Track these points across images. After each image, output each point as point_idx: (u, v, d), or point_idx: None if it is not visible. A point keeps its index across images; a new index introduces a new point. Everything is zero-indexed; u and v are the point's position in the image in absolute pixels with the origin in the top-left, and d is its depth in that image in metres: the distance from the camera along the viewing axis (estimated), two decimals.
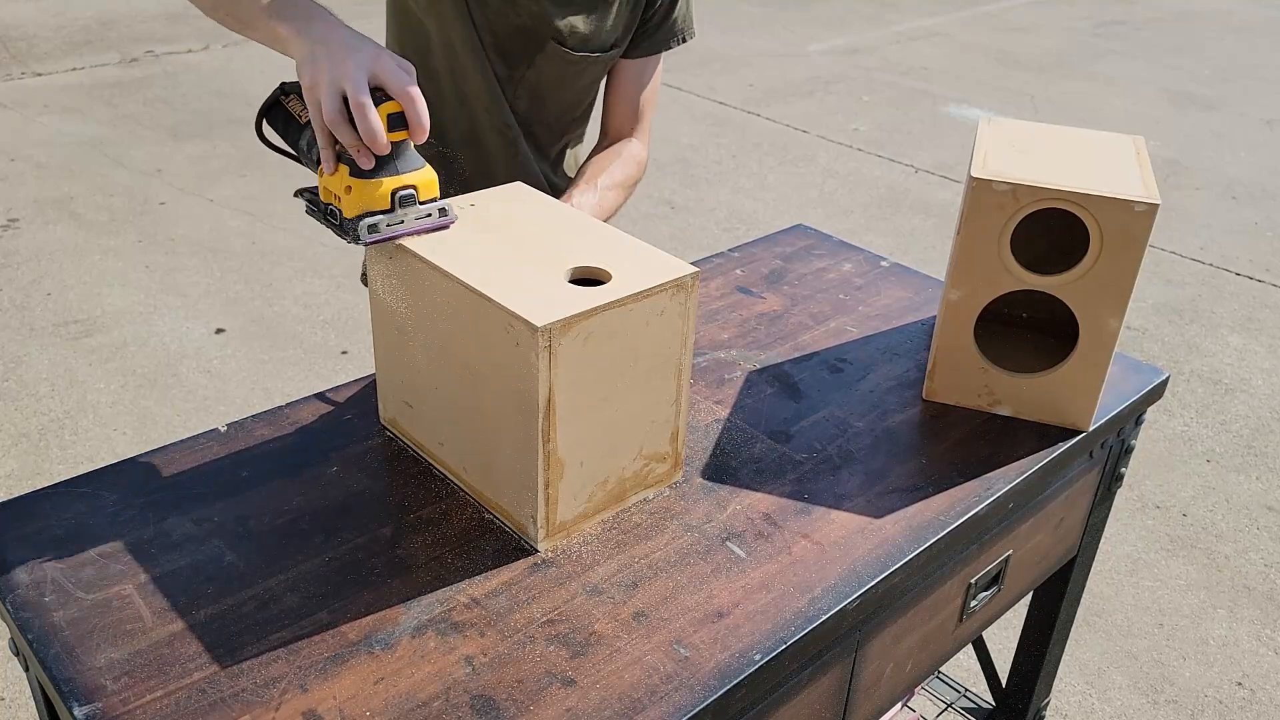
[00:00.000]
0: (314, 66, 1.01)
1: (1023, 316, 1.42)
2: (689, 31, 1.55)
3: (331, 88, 0.99)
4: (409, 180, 1.05)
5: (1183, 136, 5.45)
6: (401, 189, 1.04)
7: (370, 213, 1.04)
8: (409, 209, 1.05)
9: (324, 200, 1.08)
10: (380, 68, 1.01)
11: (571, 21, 1.41)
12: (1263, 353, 3.55)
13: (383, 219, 1.04)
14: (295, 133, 1.12)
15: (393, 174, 1.04)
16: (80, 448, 2.79)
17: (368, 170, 1.02)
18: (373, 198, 1.03)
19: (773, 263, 1.66)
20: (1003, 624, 2.27)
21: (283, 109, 1.14)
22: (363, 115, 0.98)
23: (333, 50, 1.01)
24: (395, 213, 1.05)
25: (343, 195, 1.04)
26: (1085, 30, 7.46)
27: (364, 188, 1.03)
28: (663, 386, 1.09)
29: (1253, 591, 2.52)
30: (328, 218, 1.07)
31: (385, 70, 1.01)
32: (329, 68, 1.00)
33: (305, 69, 1.02)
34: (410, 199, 1.05)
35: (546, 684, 0.91)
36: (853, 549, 1.08)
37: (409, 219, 1.06)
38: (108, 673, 0.89)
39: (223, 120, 4.99)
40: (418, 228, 1.07)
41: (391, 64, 1.02)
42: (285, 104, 1.14)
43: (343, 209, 1.04)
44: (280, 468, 1.15)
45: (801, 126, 5.32)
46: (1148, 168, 1.24)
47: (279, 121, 1.15)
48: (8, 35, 6.06)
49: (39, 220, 3.99)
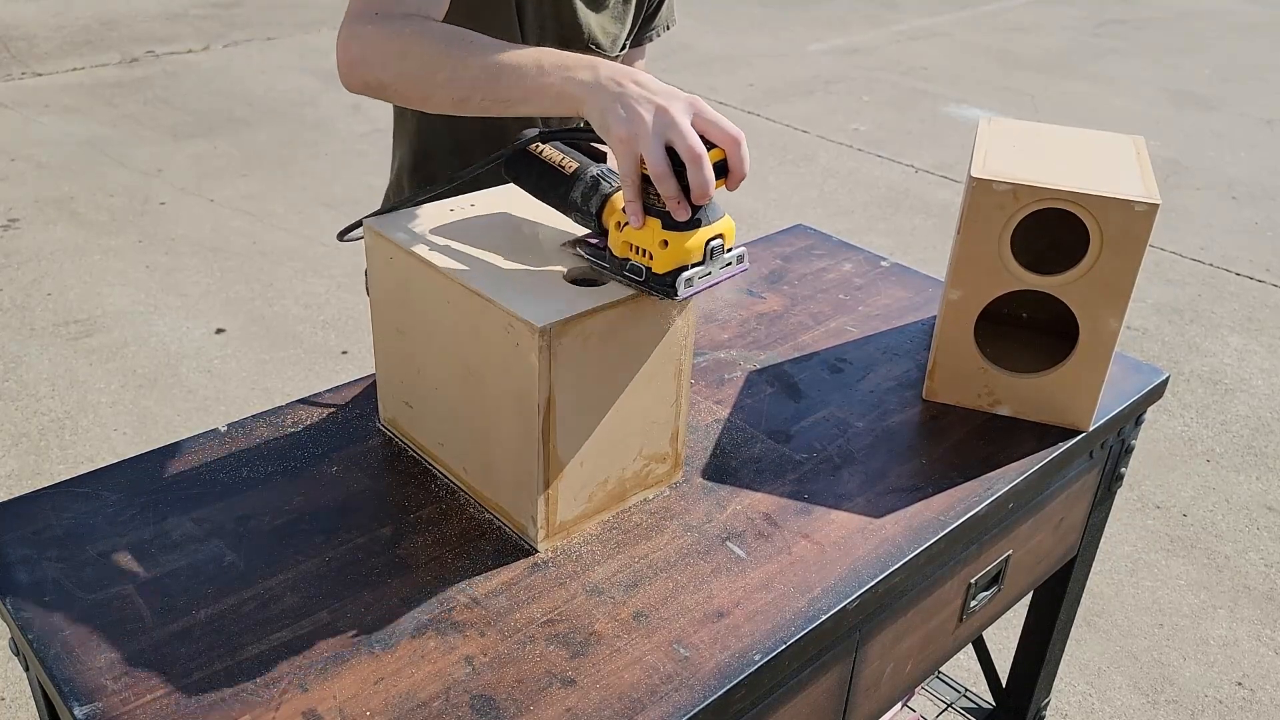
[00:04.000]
0: (630, 116, 0.93)
1: (1023, 316, 1.42)
2: (671, 19, 1.57)
3: (657, 138, 0.92)
4: (719, 229, 0.99)
5: (1183, 136, 5.45)
6: (713, 238, 0.98)
7: (685, 266, 0.97)
8: (718, 258, 1.00)
9: (621, 255, 1.00)
10: (701, 111, 0.94)
11: (602, 22, 1.42)
12: (1263, 353, 3.55)
13: (697, 271, 0.98)
14: (558, 184, 1.06)
15: (706, 224, 0.98)
16: (80, 448, 2.79)
17: (682, 223, 0.96)
18: (688, 250, 0.97)
19: (773, 263, 1.66)
20: (1003, 624, 2.27)
21: (536, 160, 1.08)
22: (699, 167, 0.91)
23: (646, 97, 0.94)
24: (706, 264, 0.99)
25: (655, 251, 0.97)
26: (1085, 30, 7.46)
27: (679, 241, 0.96)
28: (663, 386, 1.09)
29: (1253, 591, 2.52)
30: (626, 274, 1.00)
31: (707, 115, 0.94)
32: (651, 117, 0.92)
33: (618, 121, 0.93)
34: (720, 248, 0.99)
35: (546, 684, 0.91)
36: (853, 549, 1.08)
37: (716, 268, 1.00)
38: (108, 673, 0.89)
39: (223, 120, 4.99)
40: (723, 277, 1.02)
41: (709, 107, 0.95)
42: (539, 154, 1.08)
43: (652, 265, 0.98)
44: (280, 468, 1.15)
45: (801, 126, 5.32)
46: (1148, 168, 1.24)
47: (529, 174, 1.09)
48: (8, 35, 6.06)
49: (39, 220, 3.99)
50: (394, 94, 1.10)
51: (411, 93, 1.08)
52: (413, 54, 1.06)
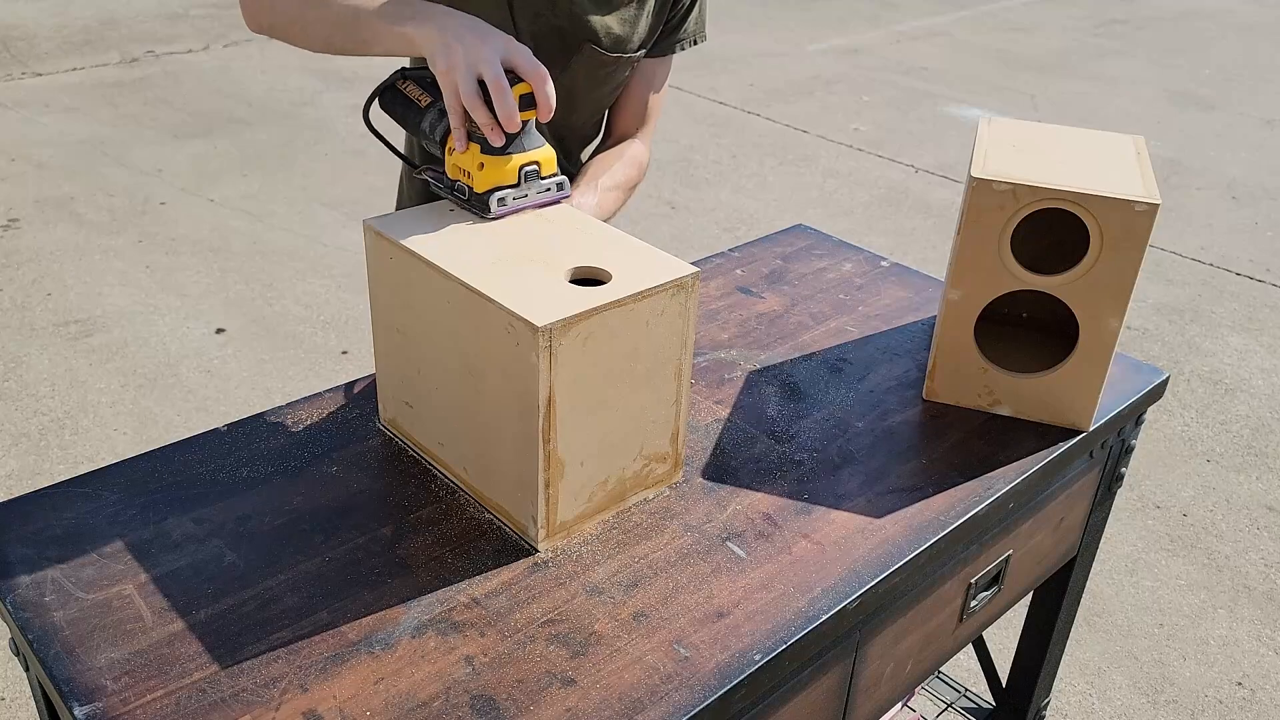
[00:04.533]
0: (449, 53, 1.07)
1: (1023, 316, 1.42)
2: (700, 35, 1.55)
3: (469, 71, 1.06)
4: (534, 156, 1.12)
5: (1183, 136, 5.45)
6: (528, 164, 1.12)
7: (500, 187, 1.11)
8: (533, 183, 1.13)
9: (452, 177, 1.15)
10: (512, 51, 1.07)
11: (606, 22, 1.41)
12: (1263, 353, 3.55)
13: (510, 192, 1.12)
14: (415, 116, 1.19)
15: (520, 151, 1.11)
16: (80, 448, 2.79)
17: (498, 148, 1.10)
18: (502, 173, 1.11)
19: (773, 263, 1.66)
20: (1003, 624, 2.27)
21: (399, 94, 1.21)
22: (501, 95, 1.05)
23: (467, 37, 1.07)
24: (521, 186, 1.12)
25: (474, 172, 1.11)
26: (1085, 30, 7.46)
27: (495, 164, 1.10)
28: (663, 386, 1.09)
29: (1253, 591, 2.52)
30: (455, 194, 1.15)
31: (518, 54, 1.08)
32: (465, 52, 1.06)
33: (440, 56, 1.07)
34: (535, 173, 1.13)
35: (546, 684, 0.91)
36: (853, 549, 1.08)
37: (532, 192, 1.14)
38: (108, 673, 0.89)
39: (223, 120, 4.99)
40: (540, 200, 1.15)
41: (522, 48, 1.08)
42: (402, 89, 1.21)
43: (473, 185, 1.12)
44: (280, 468, 1.15)
45: (801, 126, 5.32)
46: (1148, 168, 1.24)
47: (395, 106, 1.21)
48: (8, 35, 6.06)
49: (39, 220, 3.99)
50: (280, 34, 1.25)
51: (290, 33, 1.24)
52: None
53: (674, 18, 1.49)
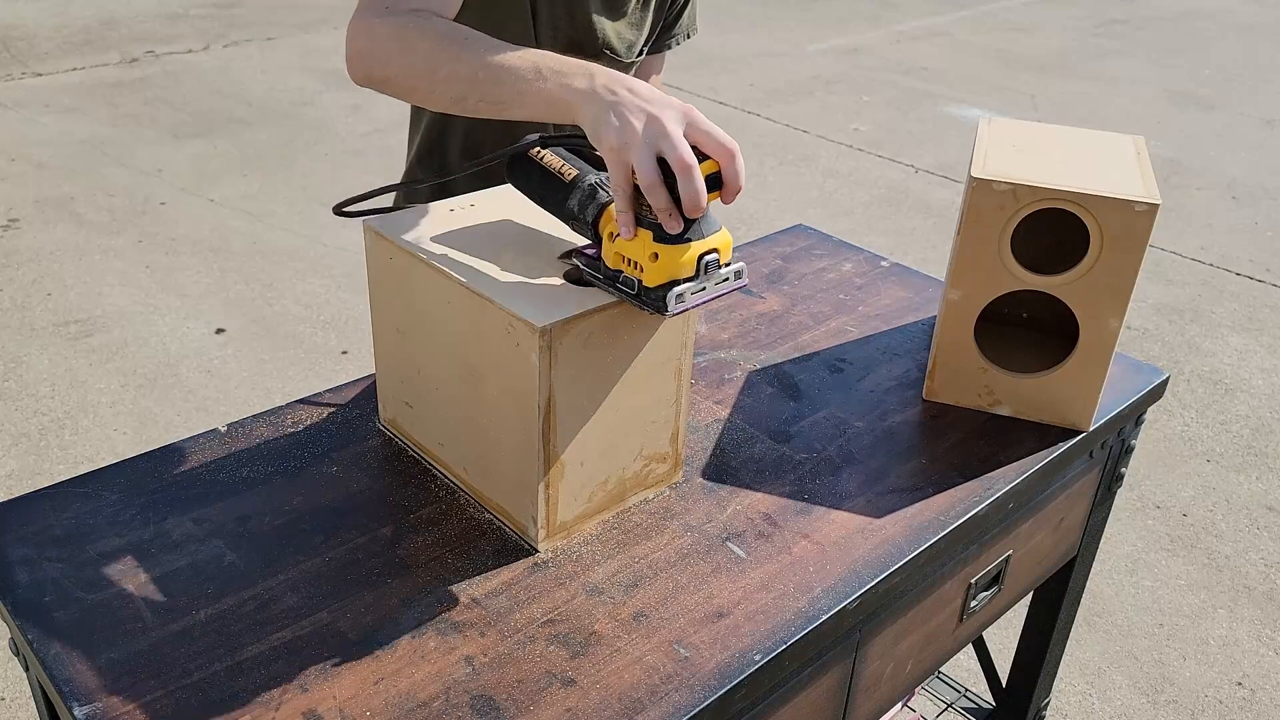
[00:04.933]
0: (622, 125, 0.91)
1: (1023, 316, 1.42)
2: (693, 28, 1.57)
3: (648, 147, 0.90)
4: (714, 244, 0.96)
5: (1183, 136, 5.45)
6: (707, 253, 0.96)
7: (677, 280, 0.95)
8: (712, 274, 0.97)
9: (613, 267, 0.98)
10: (695, 122, 0.92)
11: (618, 28, 1.41)
12: (1263, 353, 3.55)
13: (689, 286, 0.95)
14: (557, 192, 1.05)
15: (699, 237, 0.95)
16: (80, 448, 2.79)
17: (674, 235, 0.94)
18: (679, 265, 0.94)
19: (773, 263, 1.66)
20: (1003, 624, 2.27)
21: (536, 165, 1.06)
22: (689, 179, 0.90)
23: (639, 106, 0.92)
24: (700, 279, 0.96)
25: (645, 263, 0.95)
26: (1085, 30, 7.46)
27: (671, 254, 0.94)
28: (663, 387, 1.09)
29: (1253, 591, 2.52)
30: (619, 286, 0.98)
31: (701, 125, 0.92)
32: (643, 126, 0.91)
33: (609, 129, 0.92)
34: (714, 263, 0.96)
35: (546, 684, 0.91)
36: (853, 549, 1.08)
37: (710, 284, 0.98)
38: (108, 673, 0.89)
39: (223, 120, 4.99)
40: (718, 293, 0.99)
41: (704, 118, 0.93)
42: (539, 159, 1.06)
43: (643, 278, 0.95)
44: (280, 468, 1.15)
45: (801, 126, 5.32)
46: (1148, 168, 1.24)
47: (530, 179, 1.08)
48: (8, 35, 6.06)
49: (39, 220, 3.99)
50: (396, 89, 1.10)
51: (412, 88, 1.09)
52: (416, 49, 1.06)
53: (670, 15, 1.50)
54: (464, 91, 1.04)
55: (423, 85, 1.07)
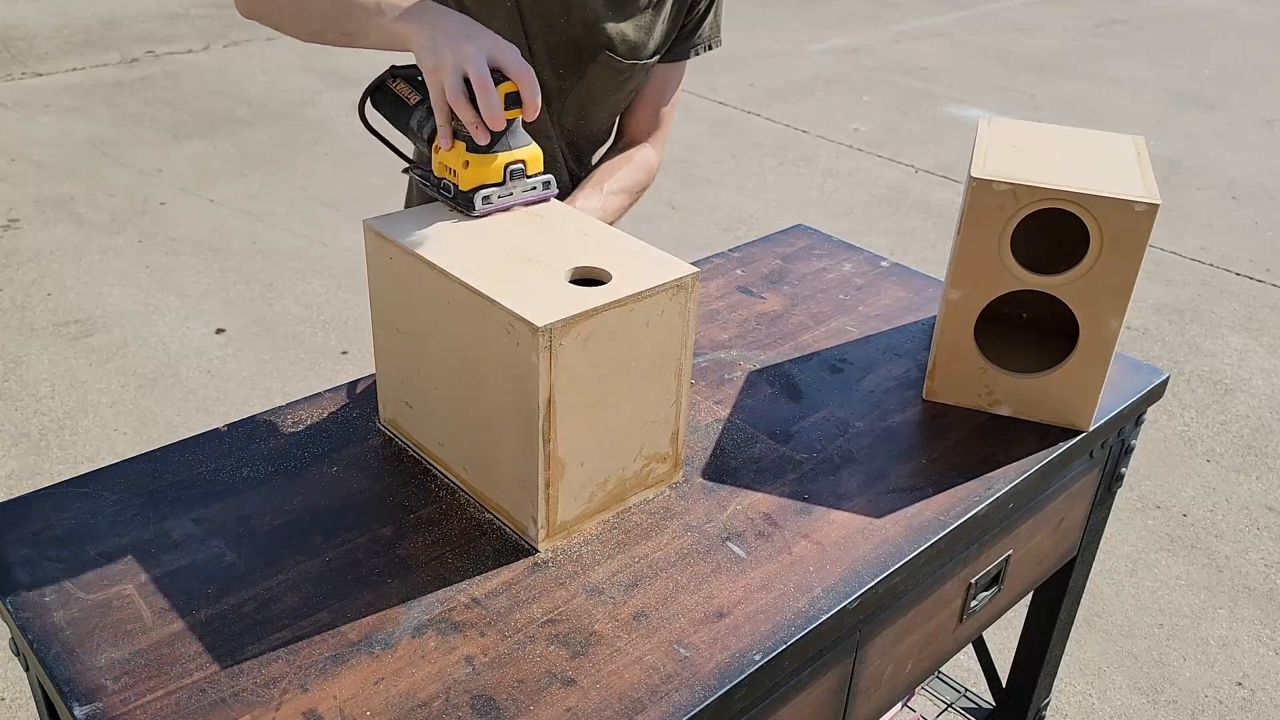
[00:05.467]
0: (436, 51, 1.07)
1: (1023, 316, 1.42)
2: (715, 40, 1.54)
3: (454, 69, 1.05)
4: (520, 155, 1.12)
5: (1183, 136, 5.45)
6: (513, 163, 1.12)
7: (485, 185, 1.11)
8: (519, 182, 1.13)
9: (438, 175, 1.15)
10: (498, 50, 1.07)
11: (622, 29, 1.40)
12: (1263, 353, 3.55)
13: (495, 190, 1.12)
14: (404, 113, 1.19)
15: (505, 149, 1.11)
16: (80, 448, 2.79)
17: (483, 146, 1.09)
18: (488, 171, 1.11)
19: (773, 263, 1.66)
20: (1003, 624, 2.27)
21: (390, 92, 1.21)
22: (485, 93, 1.05)
23: (454, 35, 1.08)
24: (506, 185, 1.12)
25: (459, 170, 1.11)
26: (1086, 30, 7.46)
27: (480, 162, 1.10)
28: (663, 386, 1.09)
29: (1253, 591, 2.52)
30: (441, 191, 1.15)
31: (503, 53, 1.08)
32: (451, 51, 1.06)
33: (427, 53, 1.07)
34: (520, 172, 1.13)
35: (546, 684, 0.91)
36: (853, 549, 1.08)
37: (518, 190, 1.13)
38: (108, 673, 0.89)
39: (223, 120, 4.99)
40: (525, 199, 1.15)
41: (508, 46, 1.08)
42: (392, 87, 1.21)
43: (458, 182, 1.12)
44: (280, 468, 1.15)
45: (801, 126, 5.32)
46: (1148, 168, 1.24)
47: (385, 104, 1.22)
48: (8, 35, 6.06)
49: (39, 220, 3.99)
50: (269, 21, 1.25)
51: (280, 21, 1.24)
52: None
53: (689, 23, 1.48)
54: (320, 25, 1.20)
55: (289, 17, 1.23)
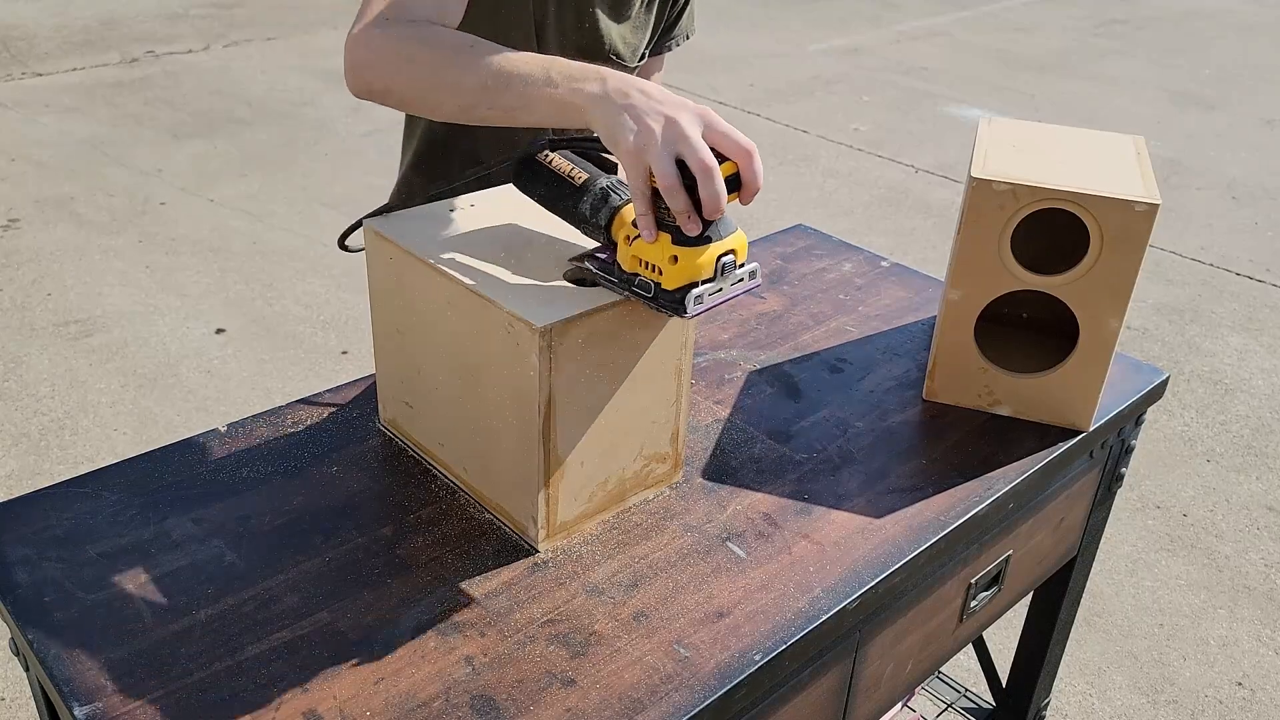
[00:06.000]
0: (639, 128, 0.91)
1: (1023, 316, 1.42)
2: (691, 29, 1.57)
3: (667, 150, 0.90)
4: (731, 244, 0.96)
5: (1183, 136, 5.45)
6: (724, 254, 0.96)
7: (695, 282, 0.95)
8: (729, 274, 0.97)
9: (628, 270, 0.98)
10: (712, 123, 0.92)
11: (623, 32, 1.41)
12: (1263, 353, 3.55)
13: (707, 288, 0.96)
14: (567, 196, 1.04)
15: (717, 238, 0.95)
16: (80, 448, 2.79)
17: (692, 238, 0.94)
18: (698, 267, 0.95)
19: (773, 263, 1.66)
20: (1003, 624, 2.27)
21: (544, 169, 1.06)
22: (710, 181, 0.89)
23: (655, 108, 0.92)
24: (717, 280, 0.96)
25: (664, 266, 0.95)
26: (1086, 30, 7.46)
27: (689, 256, 0.94)
28: (663, 387, 1.09)
29: (1253, 591, 2.52)
30: (635, 289, 0.98)
31: (719, 127, 0.92)
32: (660, 128, 0.90)
33: (624, 131, 0.91)
34: (731, 264, 0.97)
35: (546, 684, 0.91)
36: (853, 549, 1.08)
37: (727, 284, 0.98)
38: (108, 673, 0.89)
39: (223, 120, 4.99)
40: (734, 293, 0.99)
41: (721, 119, 0.93)
42: (547, 164, 1.06)
43: (661, 281, 0.96)
44: (280, 468, 1.15)
45: (801, 126, 5.32)
46: (1148, 168, 1.24)
47: (538, 184, 1.07)
48: (8, 35, 6.06)
49: (39, 220, 3.99)
50: (400, 100, 1.08)
51: (417, 99, 1.07)
52: (419, 59, 1.04)
53: (671, 17, 1.50)
54: (472, 100, 1.02)
55: (428, 95, 1.05)
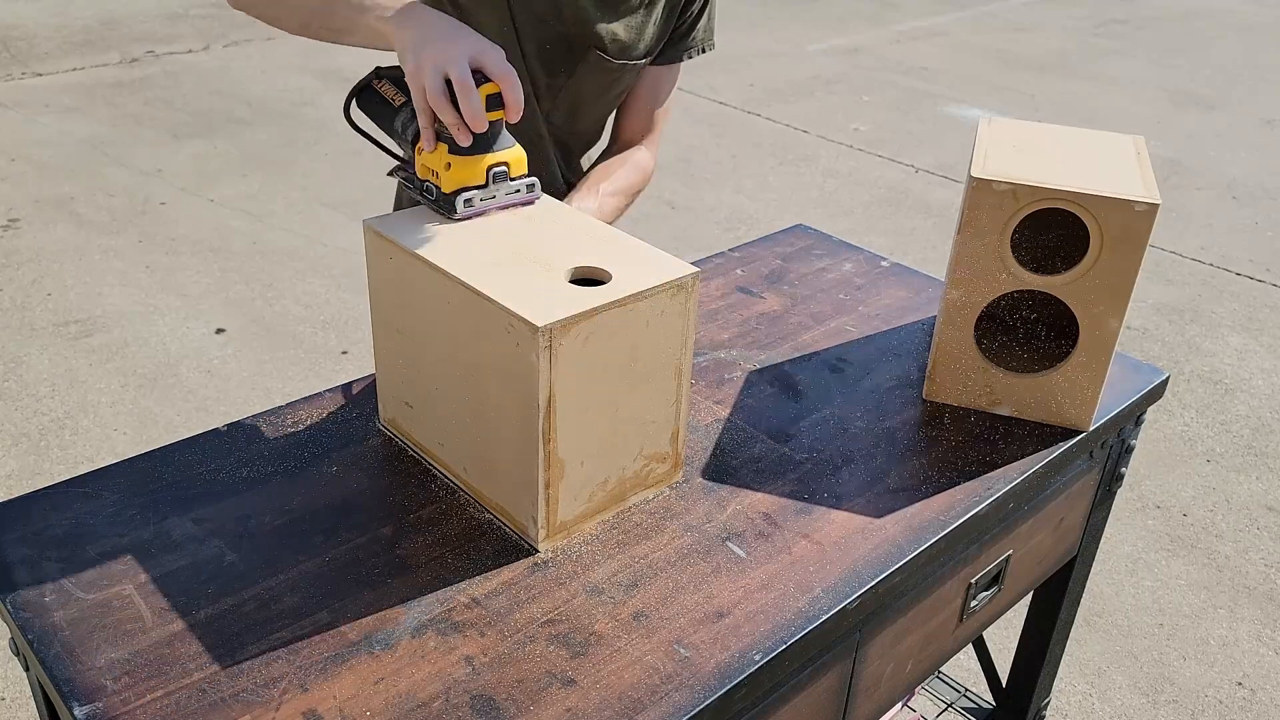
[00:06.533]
0: (418, 51, 1.06)
1: (1023, 316, 1.42)
2: (709, 43, 1.54)
3: (436, 70, 1.04)
4: (503, 157, 1.11)
5: (1183, 136, 5.45)
6: (496, 165, 1.11)
7: (467, 188, 1.10)
8: (502, 184, 1.12)
9: (421, 177, 1.13)
10: (480, 51, 1.06)
11: (613, 29, 1.40)
12: (1263, 353, 3.55)
13: (477, 193, 1.11)
14: (388, 114, 1.18)
15: (488, 151, 1.10)
16: (80, 448, 2.79)
17: (466, 148, 1.08)
18: (470, 173, 1.10)
19: (773, 263, 1.66)
20: (1003, 624, 2.27)
21: (375, 93, 1.20)
22: (466, 95, 1.04)
23: (436, 36, 1.07)
24: (489, 187, 1.11)
25: (441, 171, 1.10)
26: (1085, 30, 7.46)
27: (462, 164, 1.09)
28: (663, 386, 1.09)
29: (1253, 591, 2.52)
30: (424, 194, 1.13)
31: (487, 53, 1.06)
32: (433, 52, 1.05)
33: (409, 54, 1.06)
34: (503, 174, 1.12)
35: (546, 684, 0.91)
36: (853, 549, 1.08)
37: (501, 193, 1.12)
38: (108, 673, 0.89)
39: (223, 120, 4.99)
40: (508, 202, 1.14)
41: (490, 48, 1.07)
42: (378, 88, 1.20)
43: (440, 185, 1.11)
44: (280, 468, 1.15)
45: (802, 126, 5.32)
46: (1148, 168, 1.24)
47: (371, 104, 1.21)
48: (8, 35, 6.06)
49: (39, 220, 3.99)
50: (258, 13, 1.25)
51: (269, 13, 1.25)
52: None
53: (682, 25, 1.48)
54: (307, 19, 1.20)
55: (271, 12, 1.24)
